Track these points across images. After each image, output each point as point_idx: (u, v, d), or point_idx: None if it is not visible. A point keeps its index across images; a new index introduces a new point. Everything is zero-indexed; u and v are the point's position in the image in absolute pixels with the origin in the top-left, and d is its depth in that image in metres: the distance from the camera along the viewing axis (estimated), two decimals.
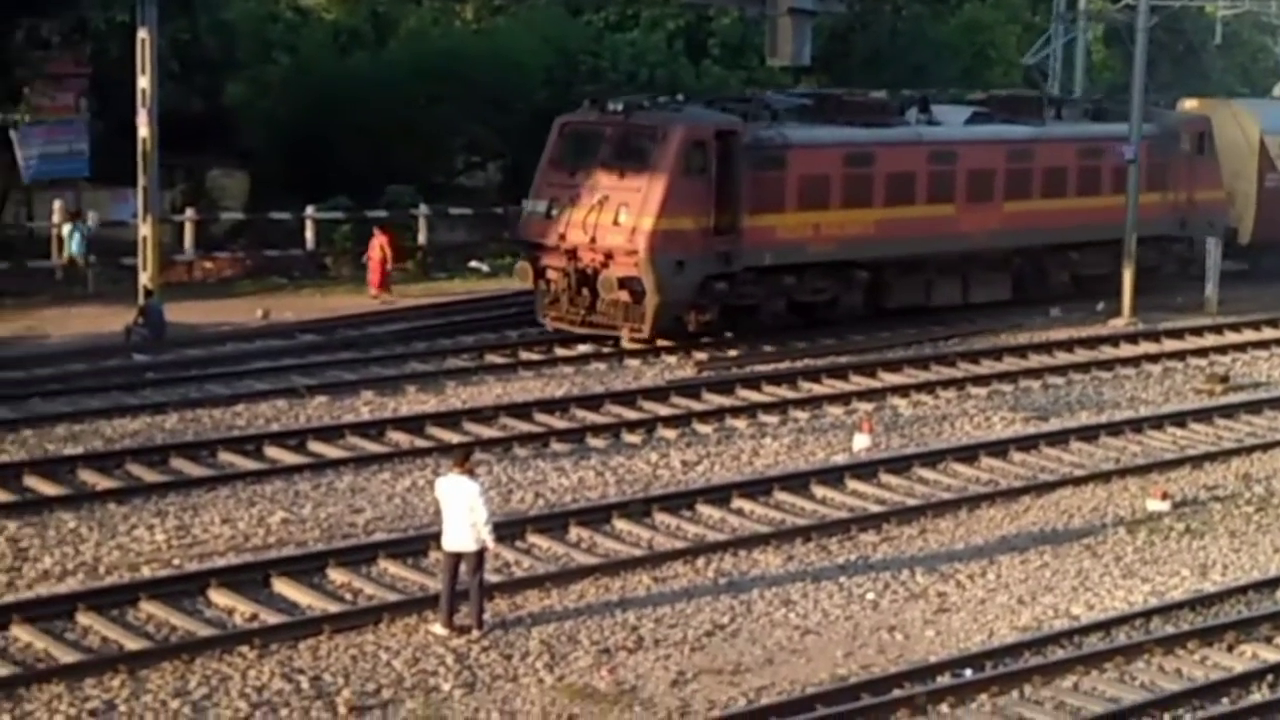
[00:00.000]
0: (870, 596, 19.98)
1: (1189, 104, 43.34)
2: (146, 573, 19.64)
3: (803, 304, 34.24)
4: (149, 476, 23.12)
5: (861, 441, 26.22)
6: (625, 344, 31.71)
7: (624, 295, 31.36)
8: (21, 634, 17.60)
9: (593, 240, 31.69)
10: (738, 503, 23.00)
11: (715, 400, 28.69)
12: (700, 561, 20.71)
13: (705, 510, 22.66)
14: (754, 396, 29.04)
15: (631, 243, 31.24)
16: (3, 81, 35.29)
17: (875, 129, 34.95)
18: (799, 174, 33.15)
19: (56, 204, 38.08)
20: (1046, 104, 39.94)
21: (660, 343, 32.05)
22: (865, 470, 24.68)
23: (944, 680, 17.31)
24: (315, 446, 24.82)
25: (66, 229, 36.68)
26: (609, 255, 31.48)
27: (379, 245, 37.29)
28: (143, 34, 33.03)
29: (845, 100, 35.82)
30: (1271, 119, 43.75)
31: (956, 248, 36.04)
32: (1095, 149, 38.66)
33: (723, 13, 47.54)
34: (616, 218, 31.42)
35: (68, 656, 17.14)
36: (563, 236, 32.09)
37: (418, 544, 20.35)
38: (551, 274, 32.42)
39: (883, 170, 34.55)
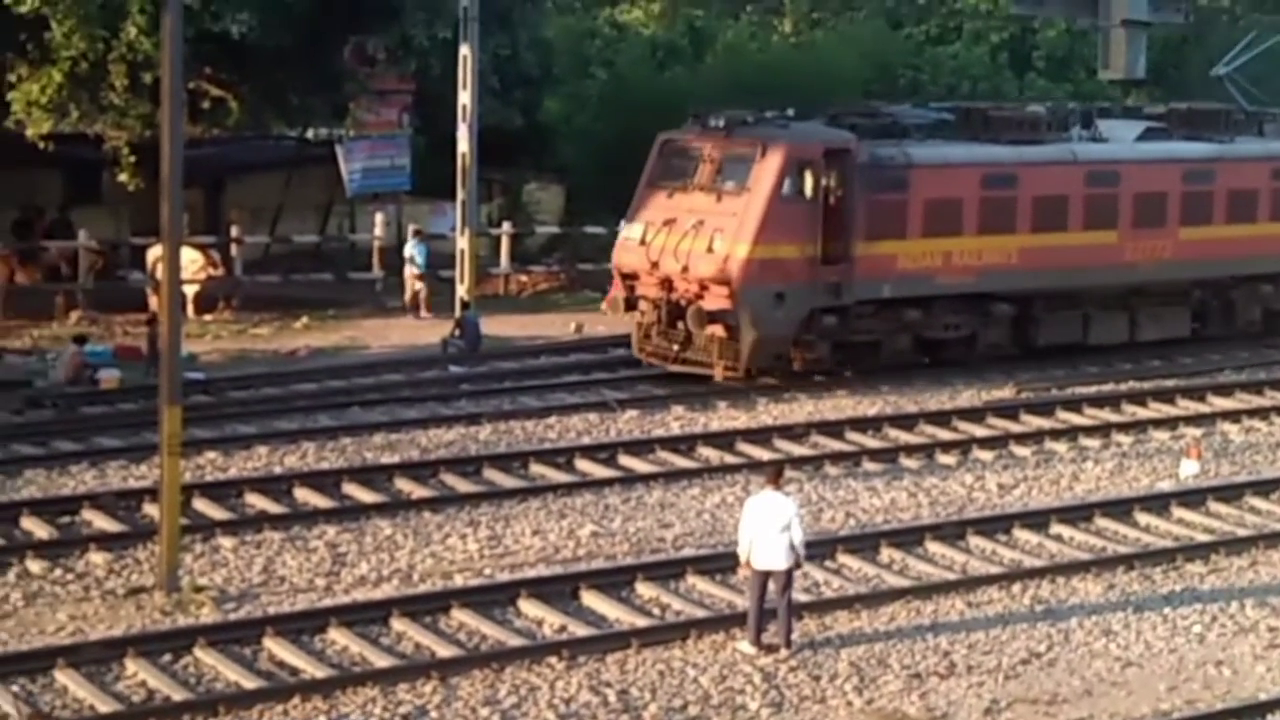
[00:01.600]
0: (1196, 629, 19.13)
1: None
2: (459, 581, 19.83)
3: (933, 340, 31.21)
4: (462, 486, 23.40)
5: (1189, 468, 25.21)
6: (719, 381, 29.14)
7: (718, 329, 28.84)
8: (338, 637, 17.88)
9: (685, 269, 29.00)
10: (1056, 528, 22.31)
11: (1034, 422, 27.92)
12: (1016, 587, 20.14)
13: (1022, 535, 22.05)
14: (1074, 419, 28.20)
15: (724, 272, 28.49)
16: (330, 97, 36.22)
17: (1019, 147, 31.63)
18: (924, 197, 30.07)
19: (378, 217, 38.91)
20: (1242, 118, 35.88)
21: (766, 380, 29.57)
22: (1193, 498, 23.72)
23: (1275, 719, 16.47)
24: (625, 460, 24.84)
25: (410, 247, 36.59)
26: (703, 286, 28.86)
27: None
28: (465, 50, 33.73)
29: (991, 116, 32.48)
30: None
31: (1120, 279, 32.59)
32: None
33: (1049, 24, 46.59)
34: (710, 244, 28.70)
35: (382, 661, 17.34)
36: (655, 264, 29.44)
37: (726, 560, 20.11)
38: (644, 305, 29.99)
39: (1028, 193, 31.24)
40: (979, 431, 27.14)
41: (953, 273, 30.63)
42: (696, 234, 28.94)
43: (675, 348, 29.68)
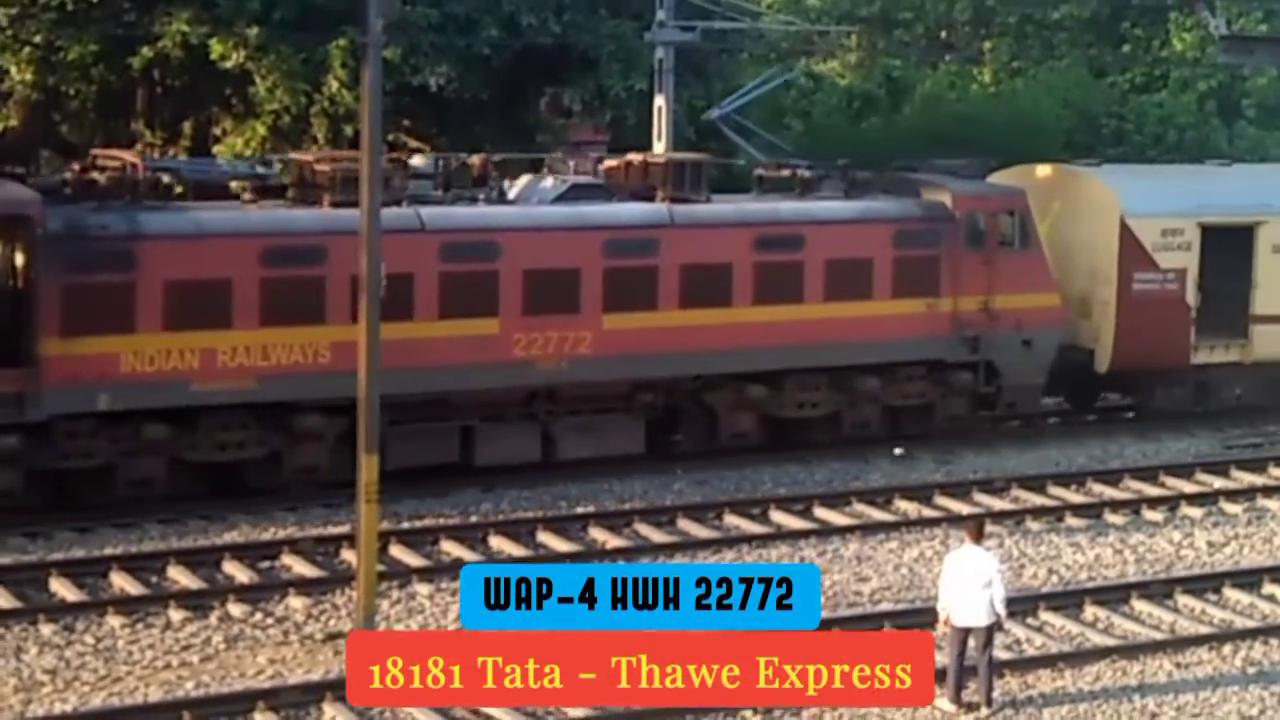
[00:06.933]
0: None
1: (1006, 173, 31.50)
2: None
3: (205, 465, 24.28)
4: (656, 536, 23.43)
5: None
6: None
7: None
8: None
9: None
10: (1269, 588, 21.67)
11: (1245, 478, 27.15)
12: (1227, 649, 19.55)
13: (1233, 595, 21.43)
14: None
15: None
16: (526, 148, 36.46)
17: (332, 211, 24.39)
18: (165, 278, 23.29)
19: None
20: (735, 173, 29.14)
21: None
22: None
23: None
24: (821, 513, 24.60)
25: None
26: None
27: None
28: (660, 101, 33.73)
29: (318, 171, 25.15)
30: (1136, 194, 30.43)
31: (509, 381, 25.49)
32: (792, 237, 27.30)
33: (1260, 71, 45.44)
34: None
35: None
36: None
37: (925, 615, 19.72)
38: None
39: (339, 271, 23.69)
40: (1187, 487, 26.47)
41: (220, 377, 23.75)
42: None
43: None
